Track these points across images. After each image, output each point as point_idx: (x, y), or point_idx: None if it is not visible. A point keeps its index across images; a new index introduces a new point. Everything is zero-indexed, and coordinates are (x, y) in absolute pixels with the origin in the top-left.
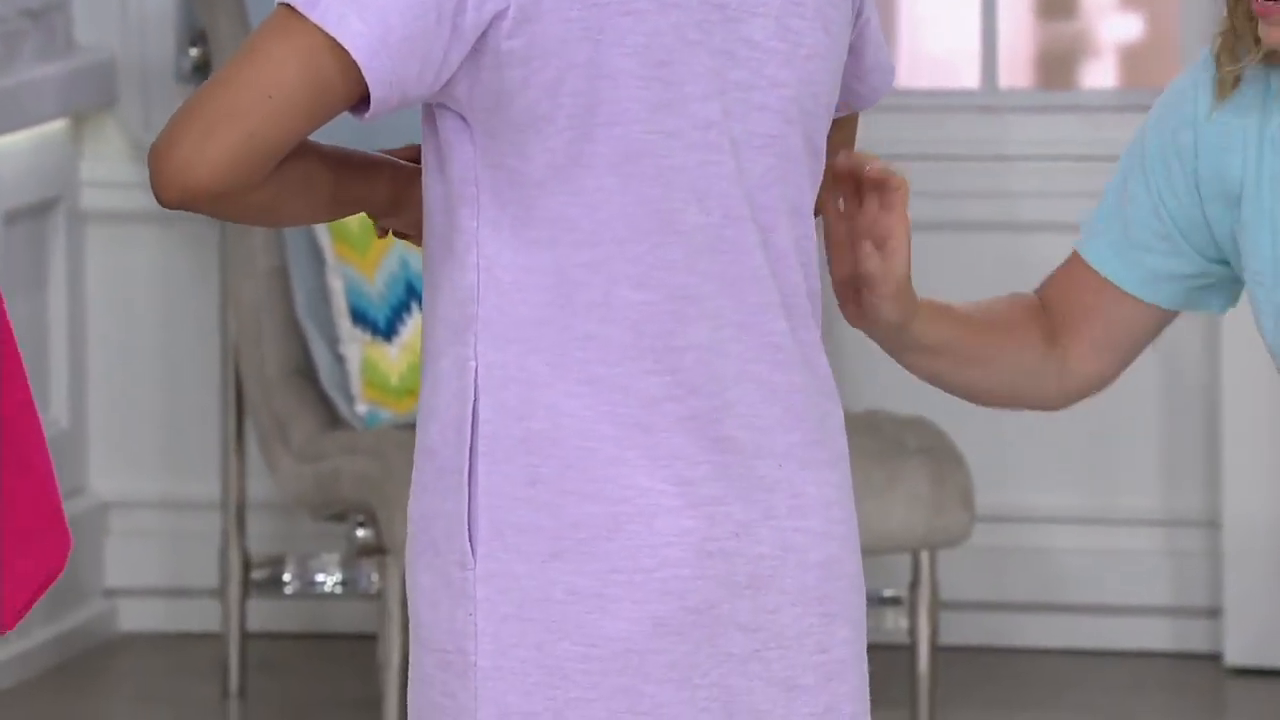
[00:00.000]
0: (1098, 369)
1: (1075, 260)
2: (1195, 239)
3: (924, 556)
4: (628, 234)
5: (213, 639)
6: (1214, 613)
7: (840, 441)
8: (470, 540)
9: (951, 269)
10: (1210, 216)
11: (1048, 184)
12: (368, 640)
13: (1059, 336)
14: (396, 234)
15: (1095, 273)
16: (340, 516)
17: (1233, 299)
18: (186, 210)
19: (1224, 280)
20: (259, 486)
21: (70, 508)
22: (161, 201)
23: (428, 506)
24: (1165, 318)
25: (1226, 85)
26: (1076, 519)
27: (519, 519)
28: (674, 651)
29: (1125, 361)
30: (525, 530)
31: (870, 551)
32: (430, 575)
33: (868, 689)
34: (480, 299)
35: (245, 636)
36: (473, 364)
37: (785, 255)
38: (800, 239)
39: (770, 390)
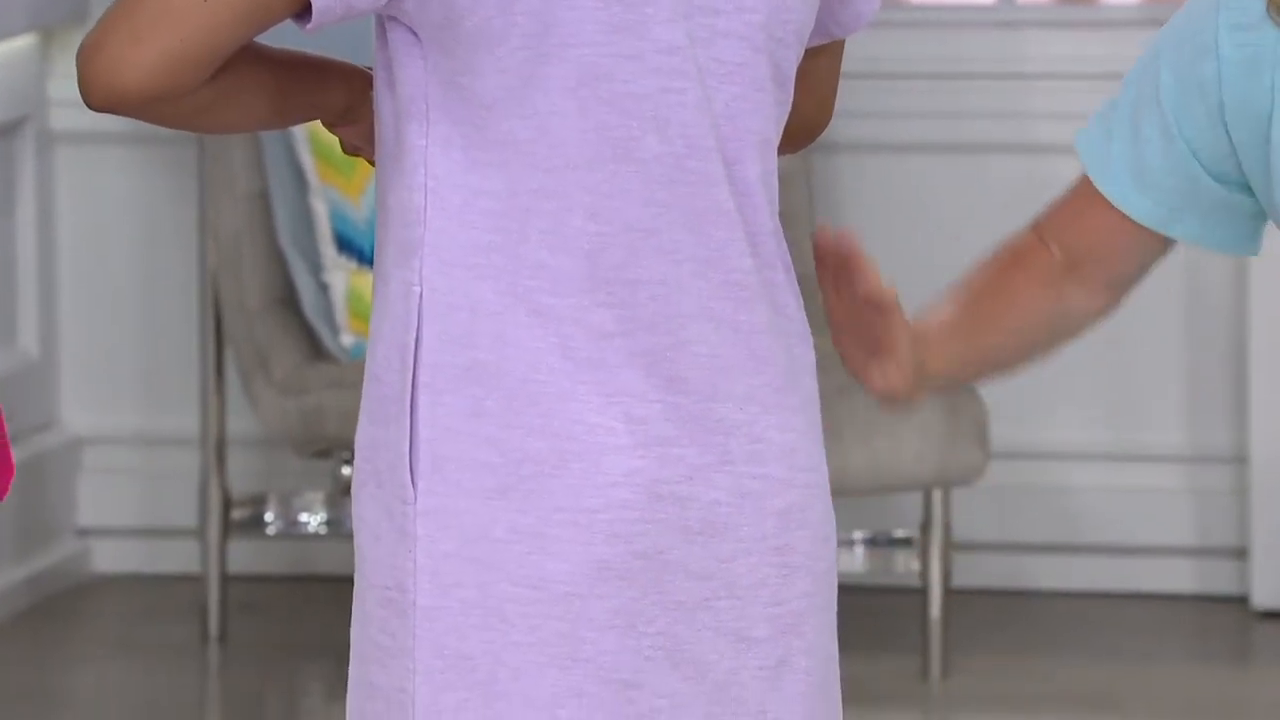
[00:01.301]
0: (1106, 304)
1: (1093, 199)
2: (1220, 169)
3: (936, 495)
4: (582, 161)
5: (192, 581)
6: (1240, 553)
7: (809, 384)
8: (411, 473)
9: (964, 193)
10: (1238, 143)
11: (1066, 104)
12: (352, 582)
13: (1066, 277)
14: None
15: (1117, 212)
16: (324, 453)
17: (1254, 236)
18: (113, 113)
19: (1247, 213)
20: (240, 422)
21: (41, 443)
22: (88, 103)
23: (372, 436)
24: (1172, 246)
25: None
26: (1097, 456)
27: (461, 453)
28: (618, 597)
29: (1129, 293)
30: (467, 465)
31: (880, 490)
32: (373, 508)
33: (833, 643)
34: (427, 221)
35: (225, 578)
36: (417, 289)
37: (751, 189)
38: (766, 173)
39: (732, 330)
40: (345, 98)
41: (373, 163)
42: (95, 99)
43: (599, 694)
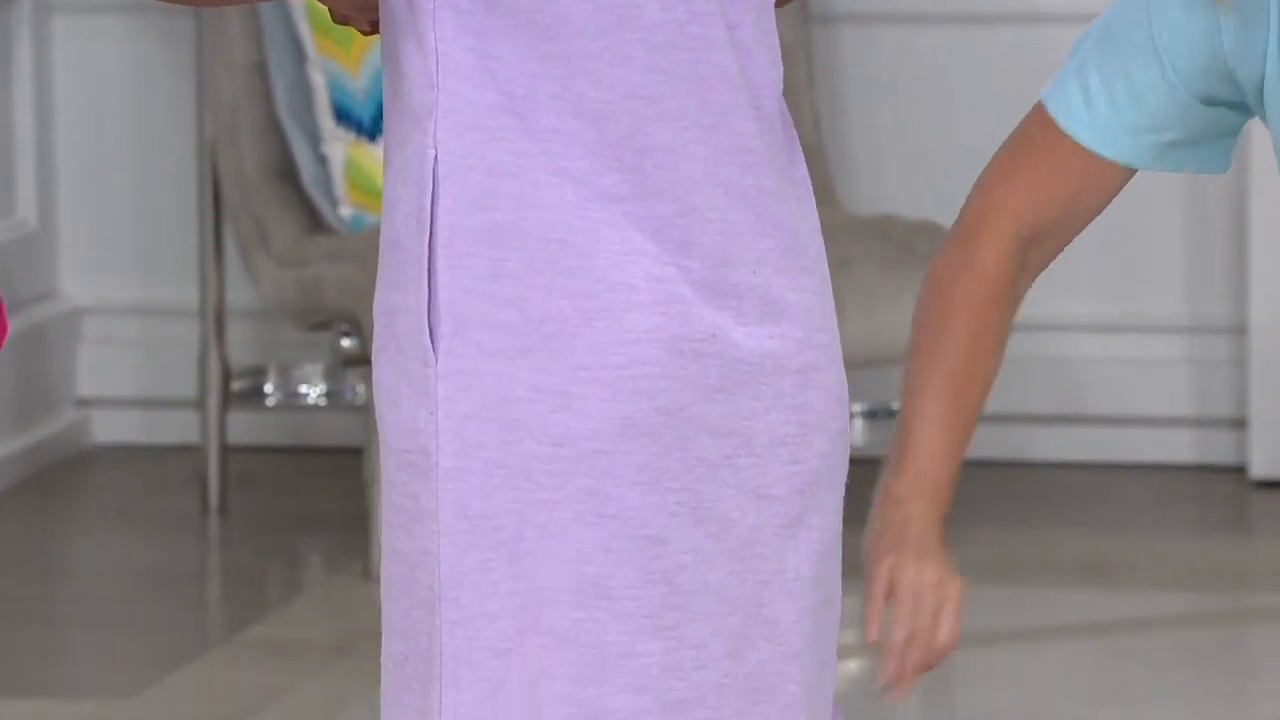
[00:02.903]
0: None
1: (1068, 158)
2: (1223, 94)
3: None
4: (585, 29)
5: (191, 452)
6: (1239, 423)
7: (817, 245)
8: (431, 336)
9: (967, 65)
10: (1242, 80)
11: None
12: (353, 454)
13: (1021, 273)
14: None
15: (1110, 164)
16: (324, 325)
17: (1230, 154)
18: None
19: (1231, 132)
20: (238, 293)
21: (40, 313)
22: None
23: (390, 301)
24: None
25: None
26: (1097, 327)
27: (481, 314)
28: (644, 453)
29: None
30: (488, 326)
31: (880, 363)
32: (392, 373)
33: (841, 502)
34: (440, 84)
35: (225, 450)
36: (432, 151)
37: (753, 52)
38: (766, 35)
39: (740, 194)
40: None
41: (364, 31)
42: None
43: (626, 549)
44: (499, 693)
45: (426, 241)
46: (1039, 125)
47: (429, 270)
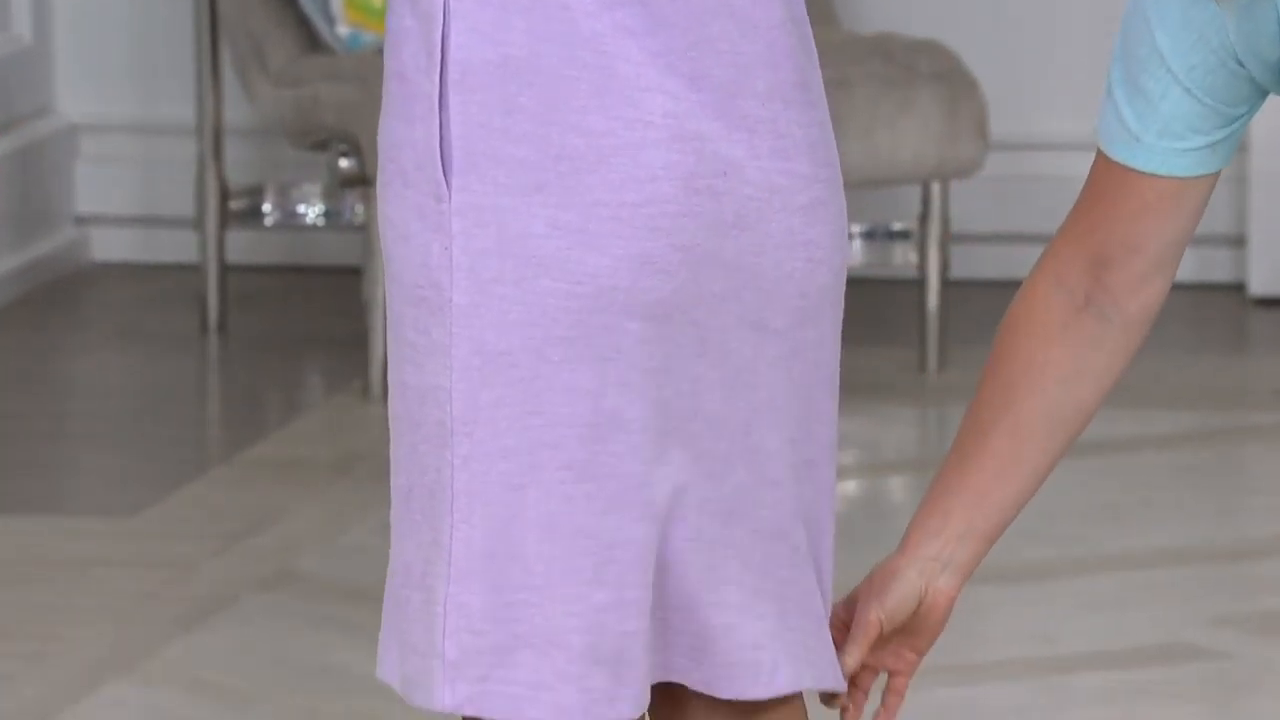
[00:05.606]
0: (1159, 290)
1: (1121, 183)
2: (1236, 88)
3: (935, 187)
4: None
5: (190, 270)
6: (1238, 241)
7: (818, 78)
8: (444, 171)
9: None
10: (1253, 71)
11: None
12: (352, 274)
13: (1096, 294)
14: None
15: (1157, 181)
16: (322, 145)
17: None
18: None
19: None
20: (236, 111)
21: (36, 130)
22: None
23: (396, 134)
24: (1214, 183)
25: None
26: (1094, 146)
27: (496, 149)
28: (659, 290)
29: (1176, 266)
30: (503, 161)
31: (879, 183)
32: (400, 207)
33: (839, 333)
34: None
35: (224, 268)
36: None
37: None
38: None
39: (751, 25)
40: None
41: None
42: None
43: (639, 384)
44: (512, 527)
45: (437, 76)
46: (1099, 159)
47: (440, 104)
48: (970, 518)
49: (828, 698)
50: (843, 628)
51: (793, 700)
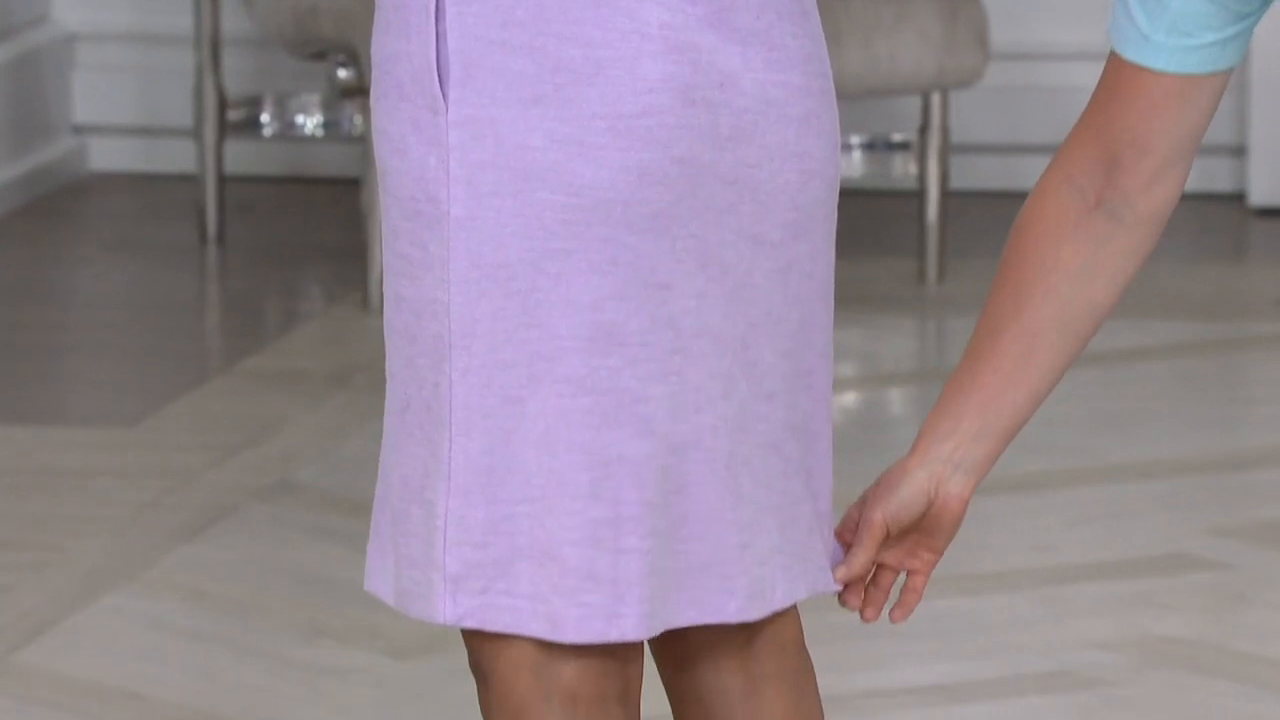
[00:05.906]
0: (1171, 189)
1: (1132, 82)
2: None
3: (934, 98)
4: None
5: (188, 181)
6: (1239, 151)
7: None
8: (441, 84)
9: None
10: None
11: None
12: (350, 184)
13: (1107, 193)
14: None
15: (1166, 79)
16: (320, 55)
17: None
18: None
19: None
20: (234, 21)
21: (34, 39)
22: None
23: (390, 47)
24: (1226, 80)
25: None
26: (1095, 55)
27: (493, 62)
28: (658, 202)
29: (1188, 166)
30: (500, 74)
31: (878, 94)
32: (395, 120)
33: (833, 244)
34: None
35: (222, 179)
36: None
37: None
38: None
39: None
40: None
41: None
42: None
43: (637, 296)
44: (511, 440)
45: None
46: (1111, 59)
47: (436, 16)
48: (983, 418)
49: (844, 599)
50: (855, 530)
51: (787, 610)
